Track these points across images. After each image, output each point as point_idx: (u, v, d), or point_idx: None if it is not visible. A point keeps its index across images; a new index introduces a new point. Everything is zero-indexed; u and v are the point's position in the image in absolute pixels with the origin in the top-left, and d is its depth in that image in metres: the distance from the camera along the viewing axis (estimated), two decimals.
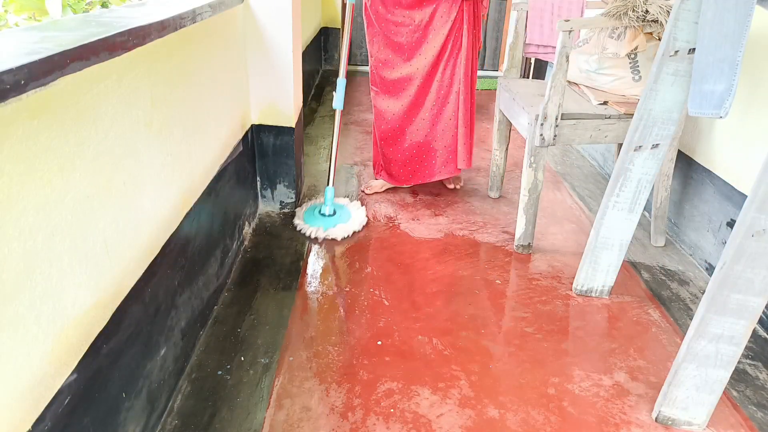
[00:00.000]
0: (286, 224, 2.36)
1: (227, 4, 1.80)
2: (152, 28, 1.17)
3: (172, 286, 1.42)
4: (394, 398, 1.49)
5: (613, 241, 1.85)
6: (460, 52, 2.39)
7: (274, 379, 1.53)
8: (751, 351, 1.73)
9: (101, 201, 1.05)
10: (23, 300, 0.83)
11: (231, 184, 1.97)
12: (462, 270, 2.10)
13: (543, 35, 2.45)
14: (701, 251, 2.19)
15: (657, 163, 1.71)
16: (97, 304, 1.04)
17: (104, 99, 1.04)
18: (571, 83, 2.34)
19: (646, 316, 1.88)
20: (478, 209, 2.60)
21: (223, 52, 1.86)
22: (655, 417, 1.46)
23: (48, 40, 0.89)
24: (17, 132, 0.80)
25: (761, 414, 1.50)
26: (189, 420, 1.39)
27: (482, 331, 1.76)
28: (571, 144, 2.24)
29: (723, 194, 2.06)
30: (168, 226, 1.39)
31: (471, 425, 1.41)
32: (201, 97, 1.63)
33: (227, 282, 1.92)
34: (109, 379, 1.10)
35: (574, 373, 1.61)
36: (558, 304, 1.93)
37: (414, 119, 2.51)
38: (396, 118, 2.51)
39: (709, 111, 1.43)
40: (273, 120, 2.30)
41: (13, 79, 0.73)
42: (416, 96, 2.46)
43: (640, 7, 1.94)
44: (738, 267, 1.25)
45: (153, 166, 1.29)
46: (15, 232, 0.80)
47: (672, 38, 1.53)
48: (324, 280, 2.00)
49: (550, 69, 3.74)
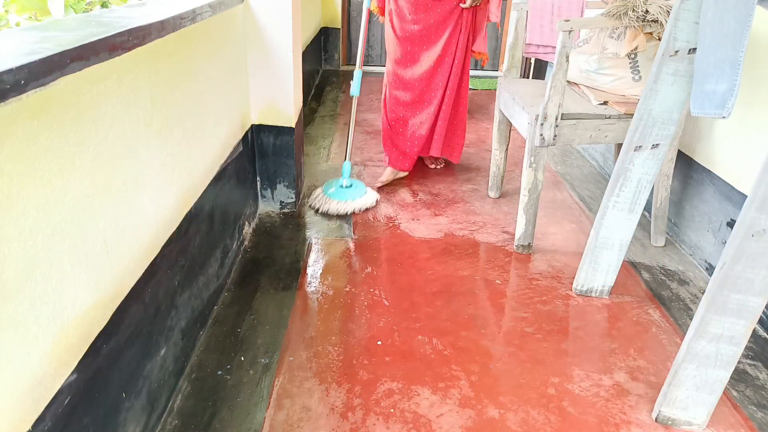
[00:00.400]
0: (286, 224, 2.36)
1: (227, 4, 1.80)
2: (152, 28, 1.17)
3: (172, 286, 1.42)
4: (394, 398, 1.49)
5: (613, 241, 1.85)
6: (456, 54, 2.68)
7: (274, 379, 1.53)
8: (751, 351, 1.73)
9: (101, 201, 1.05)
10: (23, 300, 0.83)
11: (231, 184, 1.97)
12: (462, 270, 2.10)
13: (543, 35, 2.45)
14: (701, 251, 2.19)
15: (657, 163, 1.71)
16: (97, 304, 1.04)
17: (104, 99, 1.04)
18: (571, 83, 2.34)
19: (646, 316, 1.88)
20: (478, 209, 2.60)
21: (223, 52, 1.86)
22: (655, 417, 1.46)
23: (48, 40, 0.90)
24: (17, 132, 0.80)
25: (761, 414, 1.50)
26: (189, 420, 1.39)
27: (482, 331, 1.76)
28: (571, 144, 2.24)
29: (723, 194, 2.06)
30: (168, 226, 1.39)
31: (471, 425, 1.41)
32: (201, 97, 1.63)
33: (227, 282, 1.92)
34: (109, 379, 1.10)
35: (574, 373, 1.61)
36: (558, 304, 1.93)
37: (418, 112, 2.78)
38: (404, 110, 2.79)
39: (711, 111, 1.43)
40: (273, 120, 2.30)
41: (13, 79, 0.73)
42: (420, 91, 2.74)
43: (640, 7, 1.94)
44: (738, 267, 1.25)
45: (153, 166, 1.29)
46: (15, 232, 0.80)
47: (672, 38, 1.53)
48: (324, 280, 2.00)
49: (550, 69, 3.74)
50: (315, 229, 2.34)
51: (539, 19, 2.44)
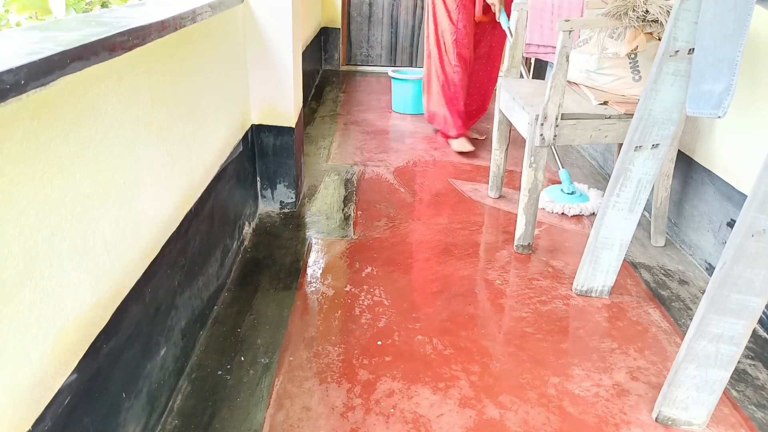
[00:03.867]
0: (286, 224, 2.36)
1: (227, 4, 1.80)
2: (152, 28, 1.17)
3: (172, 286, 1.42)
4: (394, 398, 1.49)
5: (613, 241, 1.85)
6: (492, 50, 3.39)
7: (274, 379, 1.53)
8: (751, 351, 1.73)
9: (101, 201, 1.05)
10: (23, 300, 0.83)
11: (231, 184, 1.97)
12: (462, 270, 2.10)
13: (543, 35, 2.45)
14: (701, 251, 2.19)
15: (657, 163, 1.71)
16: (97, 304, 1.04)
17: (104, 99, 1.04)
18: (571, 83, 2.34)
19: (646, 316, 1.88)
20: (478, 209, 2.60)
21: (223, 52, 1.86)
22: (655, 417, 1.46)
23: (48, 40, 0.90)
24: (17, 132, 0.80)
25: (761, 414, 1.50)
26: (189, 420, 1.39)
27: (482, 331, 1.76)
28: (571, 144, 2.24)
29: (723, 194, 2.06)
30: (168, 226, 1.39)
31: (471, 425, 1.41)
32: (201, 97, 1.63)
33: (227, 282, 1.92)
34: (109, 379, 1.10)
35: (574, 373, 1.61)
36: (558, 304, 1.93)
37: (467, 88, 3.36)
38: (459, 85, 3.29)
39: (707, 111, 1.43)
40: (273, 120, 2.30)
41: (13, 79, 0.73)
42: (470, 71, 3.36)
43: (640, 7, 1.94)
44: (738, 267, 1.25)
45: (153, 166, 1.29)
46: (15, 232, 0.80)
47: (672, 38, 1.53)
48: (324, 280, 2.00)
49: (550, 69, 3.74)
50: (315, 229, 2.34)
51: (539, 19, 2.44)
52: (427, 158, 3.20)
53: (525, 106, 2.12)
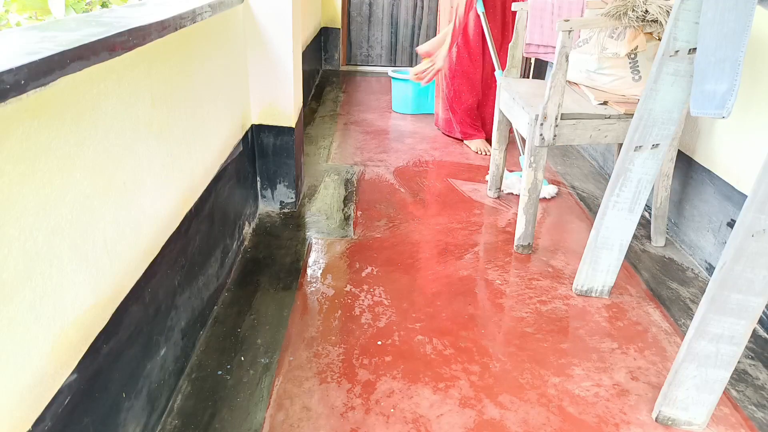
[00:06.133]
0: (286, 224, 2.36)
1: (227, 4, 1.80)
2: (152, 28, 1.17)
3: (172, 286, 1.42)
4: (394, 398, 1.49)
5: (613, 241, 1.85)
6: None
7: (274, 379, 1.53)
8: (751, 351, 1.73)
9: (101, 201, 1.05)
10: (23, 300, 0.83)
11: (231, 184, 1.97)
12: (462, 270, 2.10)
13: (543, 35, 2.45)
14: (701, 251, 2.19)
15: (657, 163, 1.71)
16: (97, 304, 1.04)
17: (104, 99, 1.04)
18: (571, 83, 2.34)
19: (646, 316, 1.88)
20: (478, 209, 2.60)
21: (223, 52, 1.86)
22: (655, 417, 1.46)
23: (48, 40, 0.90)
24: (17, 132, 0.80)
25: (761, 414, 1.50)
26: (189, 420, 1.39)
27: (482, 331, 1.76)
28: (570, 144, 2.24)
29: (723, 194, 2.06)
30: (168, 226, 1.39)
31: (471, 425, 1.41)
32: (201, 97, 1.63)
33: (227, 282, 1.92)
34: (109, 379, 1.10)
35: (574, 373, 1.61)
36: (558, 304, 1.93)
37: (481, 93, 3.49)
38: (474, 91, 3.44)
39: (711, 111, 1.43)
40: (273, 120, 2.30)
41: (13, 79, 0.73)
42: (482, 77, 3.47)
43: (640, 7, 1.94)
44: (738, 267, 1.25)
45: (153, 166, 1.29)
46: (15, 232, 0.80)
47: (672, 38, 1.53)
48: (324, 280, 2.00)
49: (550, 69, 3.74)
50: (315, 229, 2.34)
51: (539, 19, 2.44)
52: (427, 158, 3.20)
53: (525, 106, 2.12)
